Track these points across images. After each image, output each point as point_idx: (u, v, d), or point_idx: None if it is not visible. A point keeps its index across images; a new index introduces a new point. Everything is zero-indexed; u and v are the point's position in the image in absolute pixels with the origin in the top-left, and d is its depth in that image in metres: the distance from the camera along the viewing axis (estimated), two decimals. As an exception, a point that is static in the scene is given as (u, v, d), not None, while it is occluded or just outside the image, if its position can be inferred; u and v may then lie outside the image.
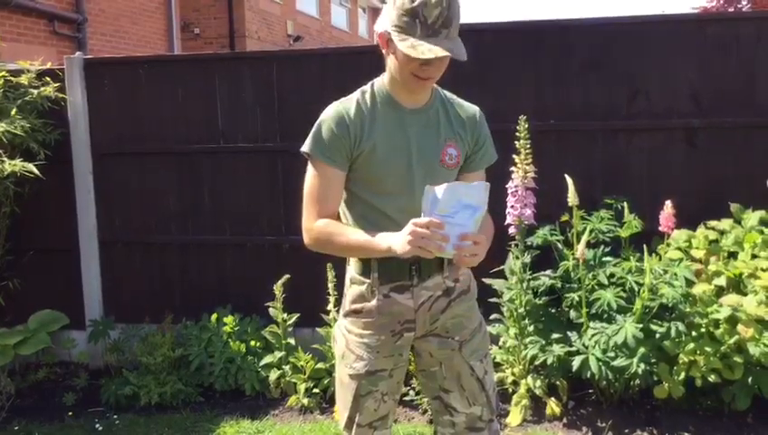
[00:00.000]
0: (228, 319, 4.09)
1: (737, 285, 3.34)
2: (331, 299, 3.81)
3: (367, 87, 2.03)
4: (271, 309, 3.96)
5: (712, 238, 3.56)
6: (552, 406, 3.53)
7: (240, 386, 3.98)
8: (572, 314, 3.59)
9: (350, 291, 2.10)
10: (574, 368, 3.39)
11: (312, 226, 1.97)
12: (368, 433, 2.13)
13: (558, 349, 3.48)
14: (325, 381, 3.88)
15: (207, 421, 3.71)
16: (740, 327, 3.15)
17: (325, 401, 3.84)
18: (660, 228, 3.49)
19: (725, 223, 3.59)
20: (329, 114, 1.98)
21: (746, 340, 3.13)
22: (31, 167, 3.88)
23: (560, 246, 3.71)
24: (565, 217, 3.73)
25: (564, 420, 3.50)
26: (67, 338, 4.38)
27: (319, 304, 3.89)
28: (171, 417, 3.77)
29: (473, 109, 2.12)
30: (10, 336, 4.12)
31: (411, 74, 1.89)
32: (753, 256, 3.37)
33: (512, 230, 3.64)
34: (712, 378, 3.22)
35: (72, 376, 4.25)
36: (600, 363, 3.34)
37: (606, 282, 3.49)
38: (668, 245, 3.56)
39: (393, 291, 2.03)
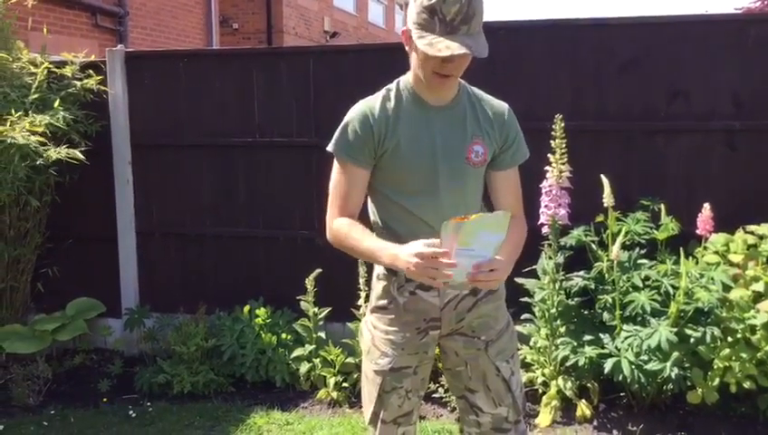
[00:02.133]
0: (260, 311, 4.14)
1: (776, 291, 3.28)
2: (362, 294, 3.83)
3: (392, 85, 2.03)
4: (302, 303, 4.00)
5: (750, 243, 3.49)
6: (583, 408, 3.50)
7: (271, 378, 4.02)
8: (605, 316, 3.55)
9: (377, 286, 2.12)
10: (606, 370, 3.36)
11: (333, 224, 2.00)
12: (392, 429, 2.14)
13: (590, 351, 3.45)
14: (354, 376, 3.90)
15: (238, 411, 3.76)
16: (777, 334, 3.09)
17: (354, 396, 3.86)
18: (698, 231, 3.45)
19: (765, 227, 3.52)
20: (354, 113, 2.00)
21: (784, 347, 3.07)
22: (76, 153, 3.96)
23: (594, 247, 3.68)
24: (600, 218, 3.69)
25: (594, 423, 3.47)
26: (103, 326, 4.47)
27: (350, 299, 3.92)
28: (203, 405, 3.83)
29: (502, 106, 2.09)
30: (48, 322, 4.22)
31: (432, 72, 1.89)
32: (793, 262, 3.31)
33: (545, 230, 3.62)
34: (747, 384, 3.16)
35: (107, 363, 4.34)
36: (633, 367, 3.30)
37: (640, 284, 3.45)
38: (706, 248, 3.51)
39: (419, 288, 2.03)
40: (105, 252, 4.56)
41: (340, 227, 1.97)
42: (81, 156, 3.97)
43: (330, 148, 2.01)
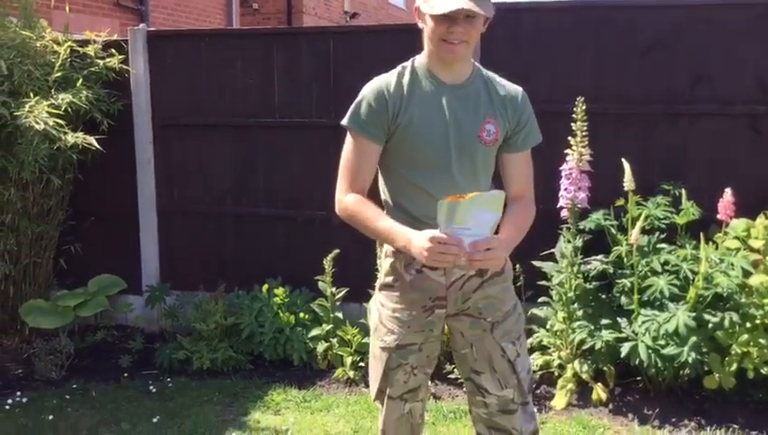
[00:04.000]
0: (279, 291, 4.17)
1: (796, 278, 3.25)
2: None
3: (407, 62, 2.06)
4: (320, 283, 4.03)
5: (772, 229, 3.46)
6: (599, 391, 3.50)
7: (288, 356, 4.06)
8: (623, 300, 3.55)
9: (384, 264, 2.14)
10: (623, 354, 3.36)
11: (343, 198, 2.04)
12: (398, 405, 2.17)
13: (607, 334, 3.45)
14: (371, 356, 3.93)
15: (256, 388, 3.81)
16: (797, 320, 3.07)
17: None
18: (718, 216, 3.42)
19: (787, 213, 3.49)
20: (368, 88, 2.03)
21: (803, 334, 3.05)
22: (91, 140, 3.99)
23: (613, 231, 3.66)
24: (620, 202, 3.68)
25: (610, 406, 3.48)
26: (124, 302, 4.53)
27: (367, 280, 3.93)
28: (222, 382, 3.88)
29: (515, 88, 2.09)
30: (71, 298, 4.29)
31: (441, 40, 1.90)
32: (815, 248, 3.27)
33: (564, 213, 3.61)
34: (765, 370, 3.15)
35: (128, 339, 4.40)
36: (650, 351, 3.30)
37: (659, 269, 3.43)
38: (726, 234, 3.48)
39: (425, 267, 2.03)
40: (127, 230, 4.61)
41: (353, 204, 2.00)
42: (96, 143, 4.00)
43: (343, 121, 2.04)
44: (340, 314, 4.08)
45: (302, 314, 4.12)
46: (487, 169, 2.08)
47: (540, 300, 3.71)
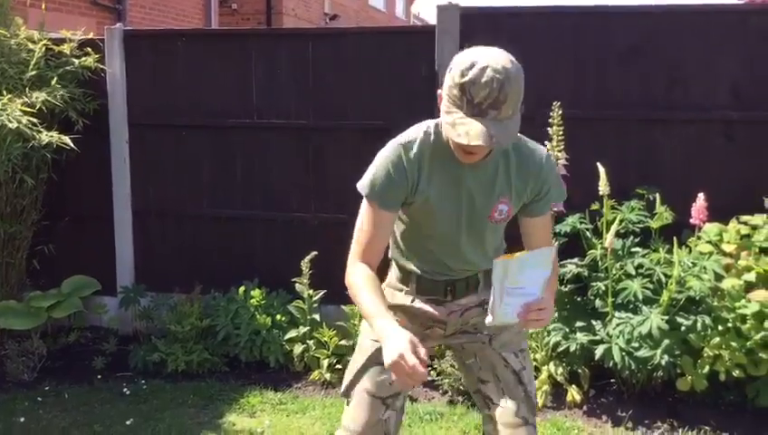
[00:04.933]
0: (255, 292, 4.15)
1: (767, 282, 3.30)
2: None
3: (431, 129, 1.94)
4: (297, 285, 4.01)
5: (744, 233, 3.52)
6: (573, 393, 3.53)
7: (264, 358, 4.04)
8: (598, 302, 3.58)
9: (385, 292, 2.12)
10: (597, 356, 3.40)
11: (352, 267, 1.98)
12: (379, 408, 2.09)
13: (581, 337, 3.48)
14: (348, 358, 3.91)
15: (232, 390, 3.78)
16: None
17: (347, 378, 3.88)
18: (692, 221, 3.47)
19: (758, 218, 3.54)
20: (389, 157, 1.93)
21: (774, 337, 3.11)
22: (66, 139, 3.93)
23: (588, 234, 3.70)
24: (595, 206, 3.71)
25: (584, 408, 3.51)
26: (98, 304, 4.48)
27: (345, 282, 3.93)
28: (197, 384, 3.85)
29: (538, 157, 1.97)
30: (43, 299, 4.23)
31: (457, 148, 1.85)
32: (786, 253, 3.33)
33: (540, 217, 3.63)
34: (736, 373, 3.20)
35: (101, 341, 4.35)
36: (624, 353, 3.34)
37: (633, 272, 3.47)
38: (699, 238, 3.53)
39: (427, 303, 2.08)
40: (101, 230, 4.57)
41: (357, 278, 1.96)
42: (70, 143, 3.94)
43: (362, 190, 1.96)
44: (317, 317, 4.07)
45: (278, 316, 4.11)
46: (495, 238, 2.09)
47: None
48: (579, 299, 3.72)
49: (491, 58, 1.72)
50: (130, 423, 3.44)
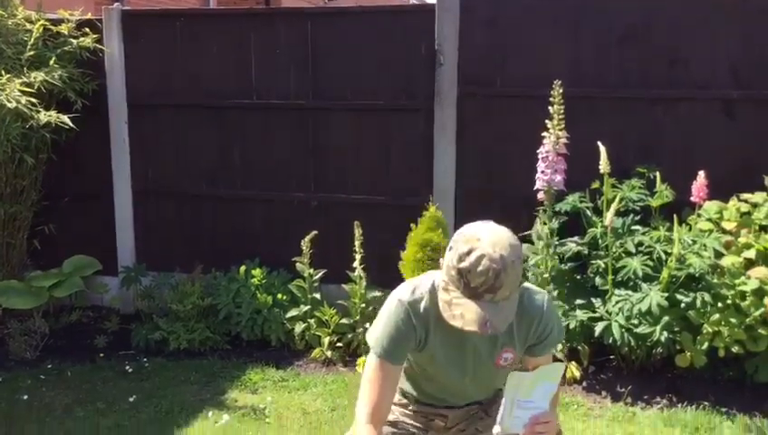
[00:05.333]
0: (256, 272, 4.17)
1: (767, 259, 3.32)
2: (358, 256, 3.86)
3: (436, 287, 1.92)
4: (298, 264, 4.03)
5: (744, 211, 3.53)
6: (573, 370, 3.56)
7: (266, 337, 4.07)
8: (598, 280, 3.60)
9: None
10: (596, 333, 3.42)
11: (362, 424, 1.94)
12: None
13: (581, 314, 3.51)
14: (349, 336, 3.95)
15: (234, 368, 3.81)
16: (767, 300, 3.13)
17: (348, 355, 3.92)
18: (692, 199, 3.48)
19: (758, 196, 3.55)
20: (399, 314, 1.94)
21: (773, 313, 3.13)
22: (65, 118, 3.94)
23: (589, 213, 3.71)
24: (596, 185, 3.72)
25: (584, 384, 3.54)
26: (100, 283, 4.49)
27: (345, 261, 3.95)
28: (199, 362, 3.88)
29: (539, 302, 1.97)
30: (45, 279, 4.25)
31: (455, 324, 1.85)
32: (785, 230, 3.35)
33: (540, 196, 3.65)
34: (735, 349, 3.22)
35: (103, 320, 4.37)
36: (623, 330, 3.36)
37: (633, 250, 3.49)
38: (699, 216, 3.54)
39: (428, 416, 2.17)
40: (101, 210, 4.57)
41: None
42: (69, 122, 3.94)
43: (371, 345, 1.97)
44: (317, 296, 4.08)
45: (279, 295, 4.12)
46: (503, 378, 2.04)
47: (516, 281, 3.74)
48: (578, 277, 3.74)
49: (489, 244, 1.73)
50: (133, 400, 3.46)
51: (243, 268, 4.22)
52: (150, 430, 3.19)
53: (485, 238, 1.75)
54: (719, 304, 3.29)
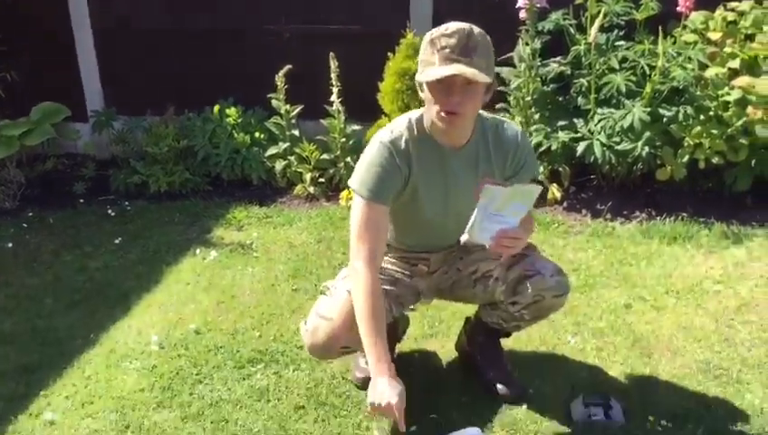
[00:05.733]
0: (231, 111, 4.05)
1: (751, 68, 3.26)
2: (335, 90, 3.75)
3: (413, 122, 1.98)
4: (274, 101, 3.91)
5: (730, 20, 3.42)
6: (554, 191, 3.59)
7: (247, 176, 4.03)
8: (580, 100, 3.55)
9: None
10: (578, 153, 3.42)
11: (357, 272, 1.94)
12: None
13: (563, 135, 3.49)
14: (330, 171, 3.92)
15: (217, 207, 3.80)
16: (750, 109, 3.12)
17: (331, 190, 3.91)
18: (678, 9, 3.36)
19: (746, 4, 3.44)
20: (379, 153, 1.96)
21: (754, 122, 3.12)
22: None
23: (572, 30, 3.59)
24: (580, 0, 3.57)
25: (564, 204, 3.58)
26: (71, 129, 4.36)
27: (322, 96, 3.83)
28: (181, 203, 3.86)
29: (512, 133, 2.05)
30: (14, 128, 4.10)
31: (438, 113, 1.84)
32: (772, 38, 3.26)
33: (522, 14, 3.51)
34: (716, 160, 3.24)
35: (79, 167, 4.29)
36: (605, 148, 3.36)
37: (617, 66, 3.41)
38: (684, 27, 3.44)
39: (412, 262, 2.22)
40: (63, 54, 4.35)
41: (362, 297, 1.91)
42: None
43: (355, 187, 1.98)
44: (296, 132, 4.00)
45: (257, 134, 4.05)
46: None
47: (497, 106, 3.68)
48: (561, 99, 3.68)
49: (456, 21, 1.83)
50: (119, 242, 3.47)
51: (216, 108, 4.10)
52: (140, 270, 3.21)
53: (452, 23, 1.84)
54: (701, 117, 3.27)
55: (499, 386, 2.23)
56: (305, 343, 2.10)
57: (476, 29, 1.83)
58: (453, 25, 1.82)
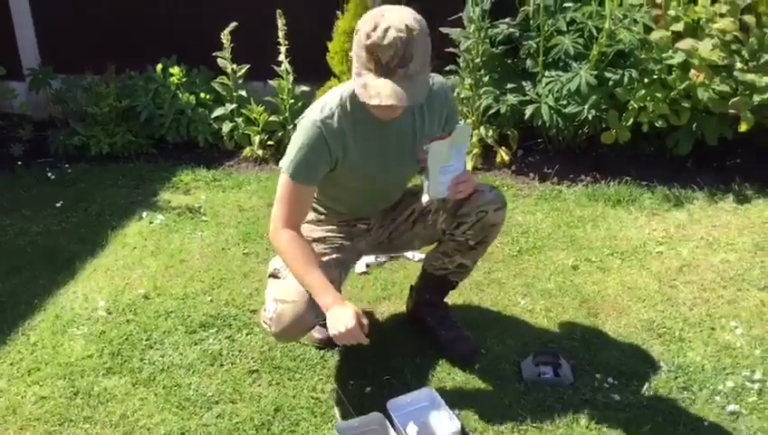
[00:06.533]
0: (175, 70, 3.93)
1: (695, 31, 3.32)
2: (283, 49, 3.67)
3: (345, 99, 1.95)
4: (219, 60, 3.80)
5: (675, -17, 3.47)
6: (502, 154, 3.62)
7: (193, 138, 3.94)
8: (529, 63, 3.57)
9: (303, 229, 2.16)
10: (526, 116, 3.45)
11: (279, 232, 2.00)
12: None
13: (512, 98, 3.51)
14: (279, 134, 3.87)
15: (163, 170, 3.72)
16: (692, 72, 3.19)
17: (280, 153, 3.84)
18: (626, -29, 3.38)
19: (690, -32, 3.48)
20: (310, 136, 1.93)
21: (697, 85, 3.19)
22: None
23: (521, -9, 3.58)
24: (528, -40, 3.56)
25: (513, 168, 3.62)
26: (6, 88, 4.17)
27: (270, 56, 3.75)
28: (124, 166, 3.76)
29: (440, 88, 2.08)
30: (-56, 87, 3.91)
31: (372, 106, 1.83)
32: (714, 1, 3.32)
33: (472, -26, 3.48)
34: (659, 124, 3.31)
35: (16, 128, 4.12)
36: (552, 111, 3.40)
37: (565, 28, 3.43)
38: (631, -10, 3.47)
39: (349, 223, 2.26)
40: (-6, 10, 4.14)
41: (288, 246, 1.99)
42: None
43: (284, 169, 1.98)
44: (243, 93, 3.92)
45: (202, 95, 3.94)
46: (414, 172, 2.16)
47: (447, 69, 3.66)
48: (510, 61, 3.69)
49: (393, 18, 1.75)
50: (60, 205, 3.37)
51: (159, 66, 3.97)
52: (83, 234, 3.14)
53: (389, 14, 1.77)
54: (645, 80, 3.33)
55: (451, 343, 2.28)
56: (271, 330, 2.05)
57: (414, 25, 1.76)
58: (391, 34, 1.73)
